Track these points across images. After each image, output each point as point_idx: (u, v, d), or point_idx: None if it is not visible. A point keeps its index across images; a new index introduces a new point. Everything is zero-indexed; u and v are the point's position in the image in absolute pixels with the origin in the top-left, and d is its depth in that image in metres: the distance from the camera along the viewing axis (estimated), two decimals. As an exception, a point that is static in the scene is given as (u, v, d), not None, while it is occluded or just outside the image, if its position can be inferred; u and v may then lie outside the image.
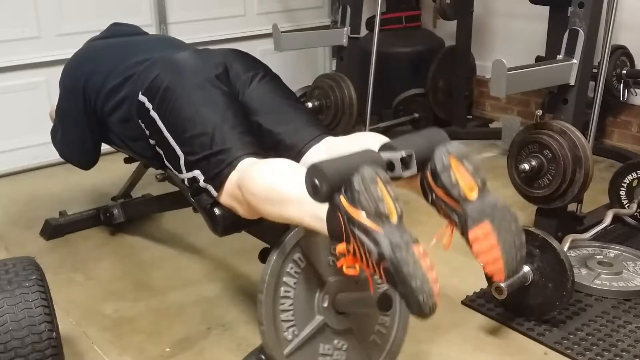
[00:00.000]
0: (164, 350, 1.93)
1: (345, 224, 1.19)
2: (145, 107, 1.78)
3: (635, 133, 3.55)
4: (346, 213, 1.19)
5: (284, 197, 1.39)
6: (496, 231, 1.25)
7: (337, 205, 1.20)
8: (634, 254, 2.33)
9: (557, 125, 2.12)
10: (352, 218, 1.18)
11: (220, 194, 1.61)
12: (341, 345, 1.57)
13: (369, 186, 1.17)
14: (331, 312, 1.54)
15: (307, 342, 1.52)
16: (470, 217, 1.26)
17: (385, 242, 1.15)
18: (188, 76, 1.75)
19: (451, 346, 1.92)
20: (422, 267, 1.15)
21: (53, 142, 2.33)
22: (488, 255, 1.26)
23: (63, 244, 2.60)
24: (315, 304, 1.54)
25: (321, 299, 1.54)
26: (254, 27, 4.03)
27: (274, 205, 1.42)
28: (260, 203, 1.45)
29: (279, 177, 1.43)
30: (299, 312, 1.51)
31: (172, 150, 1.71)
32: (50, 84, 3.25)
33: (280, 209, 1.40)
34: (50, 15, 3.31)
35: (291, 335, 1.50)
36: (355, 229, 1.18)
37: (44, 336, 1.48)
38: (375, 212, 1.16)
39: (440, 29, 4.22)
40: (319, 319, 1.53)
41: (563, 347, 1.88)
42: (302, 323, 1.52)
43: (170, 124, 1.72)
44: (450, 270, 2.21)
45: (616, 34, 3.05)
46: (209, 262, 2.44)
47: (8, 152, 3.33)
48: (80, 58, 2.20)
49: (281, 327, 1.49)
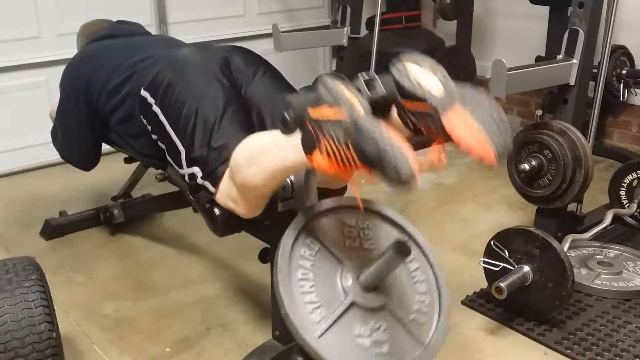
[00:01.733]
0: (164, 350, 1.93)
1: (314, 127, 1.20)
2: (147, 102, 1.79)
3: (635, 133, 3.55)
4: (313, 119, 1.20)
5: (262, 148, 1.42)
6: (469, 109, 1.22)
7: (305, 118, 1.21)
8: (634, 254, 2.33)
9: (557, 125, 2.12)
10: (318, 118, 1.19)
11: (217, 191, 1.61)
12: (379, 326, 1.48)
13: (331, 87, 1.19)
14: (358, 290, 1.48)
15: (338, 323, 1.41)
16: (440, 106, 1.24)
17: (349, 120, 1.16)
18: (190, 72, 1.76)
19: (451, 346, 1.92)
20: (391, 136, 1.13)
21: (53, 143, 2.33)
22: (469, 137, 1.21)
23: (63, 244, 2.60)
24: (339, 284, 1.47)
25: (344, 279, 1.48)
26: (254, 27, 4.04)
27: (256, 163, 1.42)
28: (245, 171, 1.46)
29: (254, 137, 1.50)
30: (323, 293, 1.42)
31: (174, 145, 1.71)
32: (50, 84, 3.25)
33: (263, 163, 1.41)
34: (50, 15, 3.32)
35: (319, 316, 1.39)
36: (321, 124, 1.18)
37: (44, 336, 1.48)
38: (335, 100, 1.18)
39: (440, 29, 4.22)
40: (346, 298, 1.44)
41: (563, 347, 1.88)
42: (329, 304, 1.42)
43: (172, 118, 1.72)
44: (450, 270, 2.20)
45: (616, 34, 3.05)
46: (209, 262, 2.44)
47: (8, 152, 3.33)
48: (81, 59, 2.20)
49: (306, 309, 1.39)
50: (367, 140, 1.13)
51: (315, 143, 1.21)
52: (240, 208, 1.57)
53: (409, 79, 1.28)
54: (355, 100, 1.19)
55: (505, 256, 1.96)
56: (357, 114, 1.17)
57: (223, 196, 1.60)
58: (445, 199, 2.92)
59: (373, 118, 1.17)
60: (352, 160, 1.16)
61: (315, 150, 1.21)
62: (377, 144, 1.12)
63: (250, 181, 1.46)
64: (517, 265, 1.93)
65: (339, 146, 1.16)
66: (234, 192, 1.54)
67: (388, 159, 1.11)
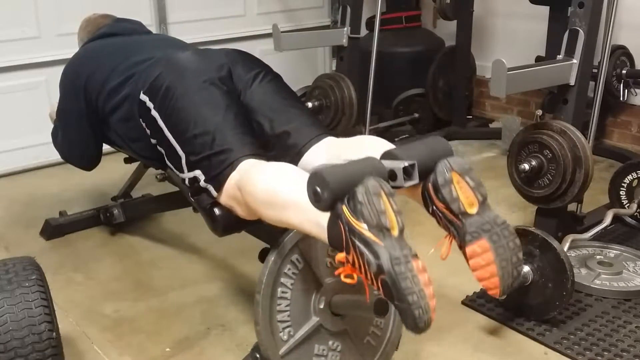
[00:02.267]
0: (164, 350, 1.93)
1: (346, 234, 1.19)
2: (146, 106, 1.78)
3: (635, 133, 3.55)
4: (348, 223, 1.19)
5: (284, 202, 1.39)
6: (493, 248, 1.26)
7: (339, 215, 1.20)
8: (634, 254, 2.33)
9: (557, 125, 2.12)
10: (354, 229, 1.18)
11: (220, 194, 1.61)
12: (336, 346, 1.58)
13: (372, 198, 1.17)
14: (327, 313, 1.55)
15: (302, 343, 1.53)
16: (469, 232, 1.27)
17: (385, 255, 1.15)
18: (189, 76, 1.75)
19: (451, 346, 1.92)
20: (420, 283, 1.15)
21: (54, 143, 2.33)
22: (484, 271, 1.27)
23: (63, 244, 2.60)
24: (312, 305, 1.55)
25: (318, 301, 1.54)
26: (254, 27, 4.04)
27: (274, 210, 1.42)
28: (260, 206, 1.45)
29: (280, 181, 1.43)
30: (295, 312, 1.52)
31: (174, 149, 1.71)
32: (50, 84, 3.25)
33: (280, 214, 1.40)
34: (50, 15, 3.32)
35: (287, 335, 1.51)
36: (356, 239, 1.18)
37: (44, 336, 1.48)
38: (377, 224, 1.17)
39: (440, 29, 4.22)
40: (315, 320, 1.54)
41: (563, 347, 1.88)
42: (298, 324, 1.53)
43: (171, 123, 1.72)
44: (450, 270, 2.21)
45: (616, 34, 3.05)
46: (209, 262, 2.44)
47: (8, 152, 3.33)
48: (81, 58, 2.20)
49: (277, 327, 1.50)
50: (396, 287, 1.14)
51: (343, 248, 1.21)
52: (242, 211, 1.58)
53: (450, 189, 1.29)
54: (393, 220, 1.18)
55: (505, 256, 1.95)
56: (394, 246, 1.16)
57: (226, 197, 1.60)
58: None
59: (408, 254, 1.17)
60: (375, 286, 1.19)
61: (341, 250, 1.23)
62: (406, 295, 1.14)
63: (261, 215, 1.47)
64: (517, 265, 1.93)
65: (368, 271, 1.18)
66: (238, 197, 1.54)
67: (411, 310, 1.14)
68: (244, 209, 1.56)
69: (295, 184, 1.37)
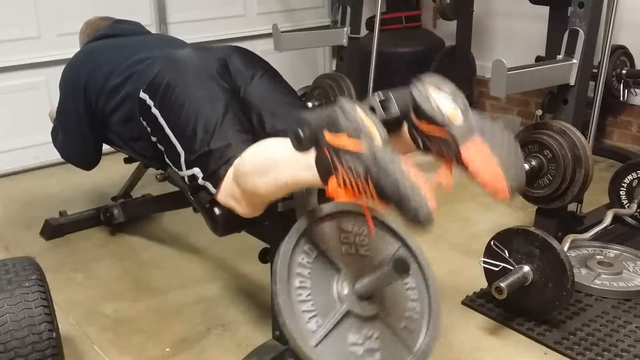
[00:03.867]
0: (164, 350, 1.93)
1: (331, 155, 1.19)
2: (146, 104, 1.79)
3: (635, 133, 3.55)
4: (330, 144, 1.19)
5: (273, 161, 1.41)
6: (488, 143, 1.23)
7: (321, 141, 1.21)
8: (634, 254, 2.33)
9: (557, 125, 2.12)
10: (336, 146, 1.18)
11: (218, 191, 1.61)
12: (371, 334, 1.51)
13: (348, 112, 1.18)
14: (353, 298, 1.50)
15: (333, 332, 1.44)
16: (459, 136, 1.24)
17: (368, 153, 1.15)
18: (189, 73, 1.75)
19: (451, 346, 1.92)
20: (411, 175, 1.14)
21: (54, 143, 2.33)
22: (486, 171, 1.22)
23: (63, 244, 2.60)
24: (335, 292, 1.49)
25: (340, 287, 1.50)
26: (254, 27, 4.04)
27: (266, 174, 1.41)
28: (254, 179, 1.45)
29: (264, 147, 1.48)
30: (319, 301, 1.45)
31: (173, 147, 1.71)
32: (50, 84, 3.25)
33: (273, 175, 1.40)
34: (50, 15, 3.32)
35: (315, 325, 1.42)
36: (340, 154, 1.18)
37: (44, 336, 1.48)
38: (355, 130, 1.16)
39: (440, 29, 4.22)
40: (342, 307, 1.48)
41: (563, 347, 1.88)
42: (325, 312, 1.44)
43: (171, 120, 1.72)
44: (450, 270, 2.21)
45: (616, 34, 3.05)
46: (209, 262, 2.44)
47: (8, 152, 3.33)
48: (80, 59, 2.20)
49: (303, 317, 1.41)
50: (387, 180, 1.13)
51: (332, 170, 1.21)
52: (242, 208, 1.57)
53: (429, 103, 1.27)
54: (374, 130, 1.18)
55: (505, 256, 1.96)
56: (377, 148, 1.16)
57: (225, 196, 1.60)
58: (445, 199, 2.90)
59: (392, 152, 1.16)
60: (370, 195, 1.17)
61: (331, 176, 1.22)
62: (397, 185, 1.12)
63: (258, 189, 1.46)
64: (517, 265, 1.93)
65: (358, 180, 1.16)
66: (236, 193, 1.54)
67: (408, 201, 1.12)
68: (243, 205, 1.55)
69: (279, 143, 1.40)
